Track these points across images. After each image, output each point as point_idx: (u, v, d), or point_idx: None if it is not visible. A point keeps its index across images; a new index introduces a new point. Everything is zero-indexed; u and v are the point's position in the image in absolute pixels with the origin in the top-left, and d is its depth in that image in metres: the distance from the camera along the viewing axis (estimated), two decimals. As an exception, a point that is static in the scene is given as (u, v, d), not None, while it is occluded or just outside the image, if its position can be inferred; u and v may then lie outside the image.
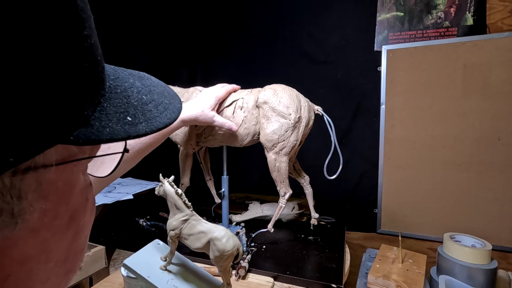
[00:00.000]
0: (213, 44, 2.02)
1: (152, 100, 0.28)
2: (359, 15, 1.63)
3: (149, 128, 0.24)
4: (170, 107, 0.30)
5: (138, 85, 0.28)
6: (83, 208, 0.27)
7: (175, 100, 0.32)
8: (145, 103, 0.27)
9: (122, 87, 0.26)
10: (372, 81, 1.62)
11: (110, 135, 0.21)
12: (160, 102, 0.29)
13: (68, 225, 0.24)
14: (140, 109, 0.25)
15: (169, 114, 0.28)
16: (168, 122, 0.27)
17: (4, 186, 0.18)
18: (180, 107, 0.32)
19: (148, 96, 0.28)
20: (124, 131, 0.22)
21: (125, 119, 0.23)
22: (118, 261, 1.19)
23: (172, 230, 0.80)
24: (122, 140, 0.23)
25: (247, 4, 1.90)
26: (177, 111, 0.30)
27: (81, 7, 0.19)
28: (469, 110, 1.43)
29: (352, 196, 1.71)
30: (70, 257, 0.26)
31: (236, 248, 0.77)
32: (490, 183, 1.41)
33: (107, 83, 0.24)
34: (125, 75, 0.29)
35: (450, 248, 1.20)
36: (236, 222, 1.45)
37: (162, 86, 0.33)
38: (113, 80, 0.26)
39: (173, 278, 0.81)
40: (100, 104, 0.22)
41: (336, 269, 1.05)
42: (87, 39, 0.20)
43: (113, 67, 0.29)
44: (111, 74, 0.26)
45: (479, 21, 1.41)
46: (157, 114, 0.27)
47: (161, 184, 0.82)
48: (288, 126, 1.10)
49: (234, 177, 1.43)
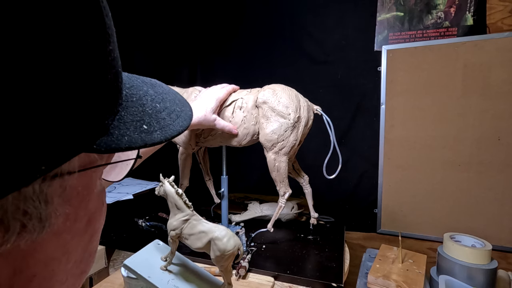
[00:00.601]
0: (213, 44, 2.02)
1: (165, 108, 0.29)
2: (359, 15, 1.63)
3: (163, 136, 0.25)
4: (182, 114, 0.30)
5: (152, 93, 0.29)
6: (99, 211, 0.28)
7: (186, 108, 0.33)
8: (159, 111, 0.27)
9: (137, 95, 0.27)
10: (372, 81, 1.62)
11: (129, 143, 0.22)
12: (173, 110, 0.29)
13: (86, 228, 0.25)
14: (155, 117, 0.26)
15: (181, 121, 0.29)
16: (181, 130, 0.28)
17: (34, 192, 0.19)
18: (191, 114, 0.32)
19: (161, 104, 0.29)
20: (141, 139, 0.23)
21: (141, 127, 0.24)
22: (118, 262, 1.19)
23: (172, 230, 0.80)
24: (140, 148, 0.23)
25: (247, 4, 1.90)
26: (189, 118, 0.31)
27: (108, 24, 0.21)
28: (469, 110, 1.43)
29: (352, 196, 1.71)
30: (85, 258, 0.27)
31: (237, 248, 0.77)
32: (490, 183, 1.41)
33: (124, 92, 0.25)
34: (139, 83, 0.29)
35: (450, 248, 1.20)
36: (236, 222, 1.45)
37: (173, 93, 0.34)
38: (128, 89, 0.27)
39: (174, 278, 0.81)
40: (118, 113, 0.23)
41: (336, 268, 1.05)
42: (111, 53, 0.21)
43: (127, 74, 0.30)
44: (126, 83, 0.27)
45: (479, 21, 1.41)
46: (170, 122, 0.27)
47: (162, 184, 0.82)
48: (288, 126, 1.10)
49: (233, 177, 1.43)
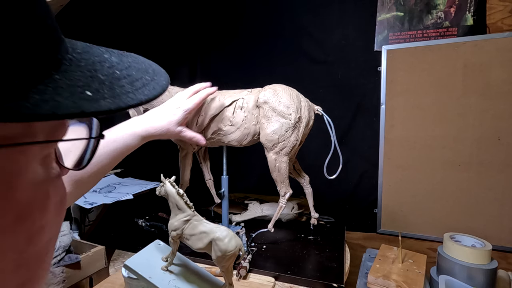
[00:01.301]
0: (213, 44, 2.02)
1: (129, 75, 0.25)
2: (359, 15, 1.63)
3: (115, 104, 0.21)
4: (152, 83, 0.26)
5: (114, 60, 0.26)
6: (41, 206, 0.23)
7: (160, 77, 0.29)
8: (117, 78, 0.24)
9: (90, 60, 0.23)
10: (372, 81, 1.62)
11: (53, 110, 0.17)
12: (139, 78, 0.26)
13: (14, 226, 0.20)
14: (109, 84, 0.22)
15: (148, 90, 0.25)
16: (143, 99, 0.24)
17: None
18: (165, 84, 0.28)
19: (124, 71, 0.25)
20: (76, 106, 0.18)
21: (82, 94, 0.20)
22: (118, 262, 1.19)
23: (173, 230, 0.80)
24: (73, 117, 0.19)
25: (247, 4, 1.90)
26: (160, 88, 0.27)
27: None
28: (469, 110, 1.43)
29: (352, 196, 1.71)
30: (25, 265, 0.22)
31: (238, 248, 0.77)
32: (490, 183, 1.41)
33: (69, 56, 0.22)
34: (101, 51, 0.26)
35: (450, 248, 1.20)
36: (236, 222, 1.44)
37: (148, 63, 0.30)
38: (78, 54, 0.23)
39: (175, 279, 0.81)
40: (51, 77, 0.19)
41: (337, 269, 1.05)
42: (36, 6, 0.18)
43: (89, 44, 0.26)
44: (79, 48, 0.24)
45: (479, 21, 1.41)
46: (131, 90, 0.23)
47: (163, 184, 0.82)
48: (288, 126, 1.10)
49: (234, 177, 1.43)
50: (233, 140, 1.19)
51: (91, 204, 1.20)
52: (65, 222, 1.15)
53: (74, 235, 1.26)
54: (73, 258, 1.02)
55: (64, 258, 1.02)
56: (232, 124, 1.17)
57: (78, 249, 1.11)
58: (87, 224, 1.43)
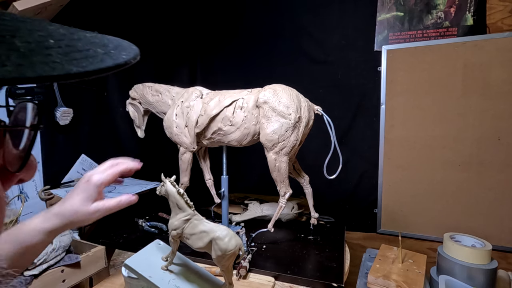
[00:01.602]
0: (213, 44, 2.02)
1: (68, 46, 0.22)
2: (359, 15, 1.63)
3: (23, 72, 0.18)
4: (103, 56, 0.23)
5: (58, 32, 0.23)
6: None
7: (122, 52, 0.25)
8: (46, 47, 0.21)
9: (10, 27, 0.20)
10: (372, 81, 1.62)
11: None
12: (84, 49, 0.23)
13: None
14: (25, 51, 0.19)
15: (89, 62, 0.22)
16: (73, 70, 0.20)
17: None
18: (125, 58, 0.25)
19: (64, 42, 0.22)
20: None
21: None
22: (118, 262, 1.19)
23: (174, 229, 0.80)
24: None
25: (247, 4, 1.90)
26: (113, 61, 0.24)
27: None
28: (469, 110, 1.43)
29: (352, 196, 1.71)
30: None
31: (238, 248, 0.77)
32: (490, 183, 1.41)
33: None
34: (46, 23, 0.23)
35: (450, 248, 1.20)
36: (236, 222, 1.45)
37: (115, 40, 0.27)
38: (1, 20, 0.21)
39: (175, 278, 0.81)
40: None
41: (337, 268, 1.05)
42: None
43: (36, 18, 0.24)
44: (7, 17, 0.21)
45: (479, 21, 1.41)
46: (59, 60, 0.20)
47: (163, 184, 0.82)
48: (288, 126, 1.10)
49: (234, 177, 1.43)
50: (233, 140, 1.19)
51: (91, 204, 1.19)
52: (65, 222, 1.15)
53: (74, 235, 1.26)
54: (73, 258, 1.02)
55: (64, 258, 1.02)
56: (232, 124, 1.17)
57: (78, 249, 1.11)
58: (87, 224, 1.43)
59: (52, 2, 1.07)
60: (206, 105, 1.21)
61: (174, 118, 1.27)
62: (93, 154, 1.54)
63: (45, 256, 0.95)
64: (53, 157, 1.35)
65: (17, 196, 1.19)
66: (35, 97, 1.22)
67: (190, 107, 1.24)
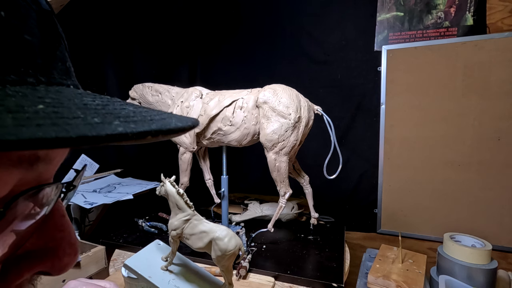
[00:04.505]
0: (213, 44, 2.02)
1: (146, 111, 0.22)
2: (359, 15, 1.63)
3: (55, 132, 0.15)
4: (169, 120, 0.22)
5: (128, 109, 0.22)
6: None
7: (186, 119, 0.24)
8: (85, 107, 0.19)
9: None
10: (372, 81, 1.62)
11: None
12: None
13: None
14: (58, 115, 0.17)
15: (152, 124, 0.20)
16: (131, 130, 0.18)
17: None
18: (193, 121, 0.23)
19: (101, 105, 0.21)
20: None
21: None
22: (118, 262, 1.19)
23: (173, 230, 0.80)
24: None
25: (248, 4, 1.90)
26: (180, 122, 0.22)
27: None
28: (469, 110, 1.43)
29: (352, 196, 1.71)
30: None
31: (238, 248, 0.77)
32: (490, 183, 1.41)
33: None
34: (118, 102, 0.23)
35: (450, 248, 1.20)
36: (236, 222, 1.45)
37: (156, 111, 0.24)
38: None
39: (175, 278, 0.81)
40: None
41: (336, 268, 1.05)
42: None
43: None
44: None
45: (479, 21, 1.41)
46: (119, 122, 0.19)
47: (163, 184, 0.82)
48: (288, 126, 1.10)
49: (234, 177, 1.43)
50: (233, 140, 1.19)
51: (91, 204, 1.20)
52: (65, 222, 1.15)
53: (74, 235, 1.26)
54: (73, 258, 1.02)
55: (64, 258, 1.02)
56: (232, 124, 1.17)
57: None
58: (87, 224, 1.43)
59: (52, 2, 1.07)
60: (206, 105, 1.21)
61: (174, 118, 1.27)
62: (93, 154, 1.54)
63: (45, 256, 0.95)
64: (53, 157, 1.35)
65: (17, 196, 1.18)
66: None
67: (190, 107, 1.24)
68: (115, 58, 1.68)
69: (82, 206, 1.19)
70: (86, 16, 1.46)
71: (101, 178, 1.54)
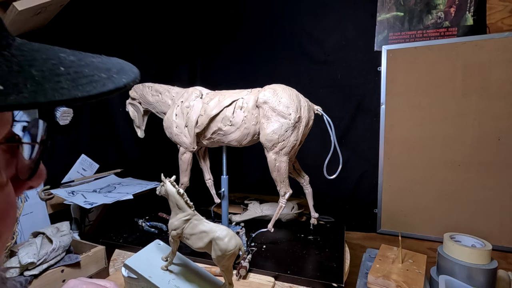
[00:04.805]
0: (213, 44, 2.02)
1: (76, 72, 0.24)
2: (359, 15, 1.63)
3: (30, 99, 0.20)
4: (105, 81, 0.25)
5: (68, 59, 0.25)
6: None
7: (123, 76, 0.28)
8: (57, 74, 0.23)
9: (29, 57, 0.23)
10: (372, 81, 1.62)
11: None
12: (90, 75, 0.25)
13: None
14: (40, 79, 0.22)
15: (90, 88, 0.24)
16: (78, 95, 0.22)
17: None
18: (125, 82, 0.27)
19: (71, 69, 0.24)
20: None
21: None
22: (118, 262, 1.19)
23: (173, 230, 0.80)
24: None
25: (247, 4, 1.90)
26: (113, 85, 0.26)
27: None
28: (469, 110, 1.43)
29: (352, 196, 1.71)
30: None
31: (238, 248, 0.77)
32: (490, 183, 1.41)
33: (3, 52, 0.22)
34: (58, 50, 0.26)
35: (450, 248, 1.20)
36: (236, 222, 1.44)
37: (117, 63, 0.30)
38: (20, 51, 0.23)
39: (175, 278, 0.81)
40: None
41: (337, 268, 1.05)
42: None
43: (49, 46, 0.26)
44: (26, 47, 0.24)
45: (479, 21, 1.41)
46: (67, 86, 0.23)
47: (163, 184, 0.82)
48: (288, 126, 1.10)
49: (233, 177, 1.43)
50: (233, 140, 1.19)
51: (91, 204, 1.20)
52: (65, 222, 1.15)
53: (74, 235, 1.26)
54: (73, 258, 1.02)
55: (64, 258, 1.02)
56: (232, 124, 1.17)
57: (78, 249, 1.12)
58: (87, 224, 1.43)
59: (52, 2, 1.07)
60: (206, 105, 1.21)
61: (174, 118, 1.27)
62: (93, 154, 1.54)
63: (45, 256, 0.95)
64: (53, 157, 1.36)
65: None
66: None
67: (190, 107, 1.24)
68: (115, 58, 1.67)
69: (82, 206, 1.19)
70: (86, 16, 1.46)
71: (101, 178, 1.54)
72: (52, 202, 1.31)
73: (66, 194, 1.29)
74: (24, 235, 1.20)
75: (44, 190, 1.28)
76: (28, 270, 0.92)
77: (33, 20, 1.13)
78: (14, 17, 1.00)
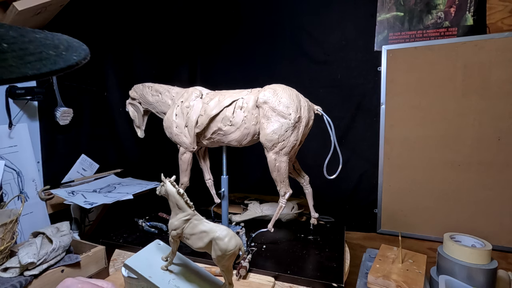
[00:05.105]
0: (213, 44, 2.02)
1: (20, 49, 0.24)
2: (359, 15, 1.63)
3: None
4: (55, 58, 0.25)
5: (9, 35, 0.24)
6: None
7: (73, 53, 0.27)
8: (1, 51, 0.22)
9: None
10: (372, 81, 1.62)
11: None
12: (37, 52, 0.24)
13: None
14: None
15: (40, 65, 0.24)
16: (29, 73, 0.22)
17: None
18: (76, 59, 0.27)
19: (15, 45, 0.24)
20: None
21: None
22: (118, 262, 1.19)
23: (174, 229, 0.80)
24: None
25: (247, 4, 1.90)
26: (64, 63, 0.26)
27: None
28: (469, 110, 1.43)
29: (352, 196, 1.71)
30: None
31: (238, 248, 0.77)
32: (490, 183, 1.41)
33: None
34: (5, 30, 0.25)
35: (450, 248, 1.20)
36: (236, 222, 1.45)
37: (65, 40, 0.29)
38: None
39: (175, 278, 0.81)
40: None
41: (336, 268, 1.05)
42: None
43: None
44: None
45: (479, 21, 1.41)
46: (15, 63, 0.22)
47: (163, 184, 0.82)
48: (288, 126, 1.10)
49: (233, 177, 1.43)
50: (233, 140, 1.19)
51: (91, 204, 1.20)
52: (65, 222, 1.15)
53: (74, 235, 1.26)
54: (73, 258, 1.02)
55: (64, 258, 1.02)
56: (232, 124, 1.17)
57: (78, 249, 1.12)
58: (87, 224, 1.43)
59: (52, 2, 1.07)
60: (206, 105, 1.21)
61: (174, 118, 1.27)
62: (93, 154, 1.54)
63: (45, 256, 0.95)
64: (53, 157, 1.36)
65: (17, 196, 1.19)
66: (35, 97, 1.22)
67: (190, 107, 1.24)
68: (115, 58, 1.68)
69: (82, 206, 1.19)
70: (86, 16, 1.46)
71: (101, 178, 1.54)
72: (52, 202, 1.31)
73: (66, 194, 1.29)
74: (24, 235, 1.20)
75: (44, 190, 1.28)
76: (28, 270, 0.92)
77: (33, 20, 1.13)
78: (14, 17, 1.00)
